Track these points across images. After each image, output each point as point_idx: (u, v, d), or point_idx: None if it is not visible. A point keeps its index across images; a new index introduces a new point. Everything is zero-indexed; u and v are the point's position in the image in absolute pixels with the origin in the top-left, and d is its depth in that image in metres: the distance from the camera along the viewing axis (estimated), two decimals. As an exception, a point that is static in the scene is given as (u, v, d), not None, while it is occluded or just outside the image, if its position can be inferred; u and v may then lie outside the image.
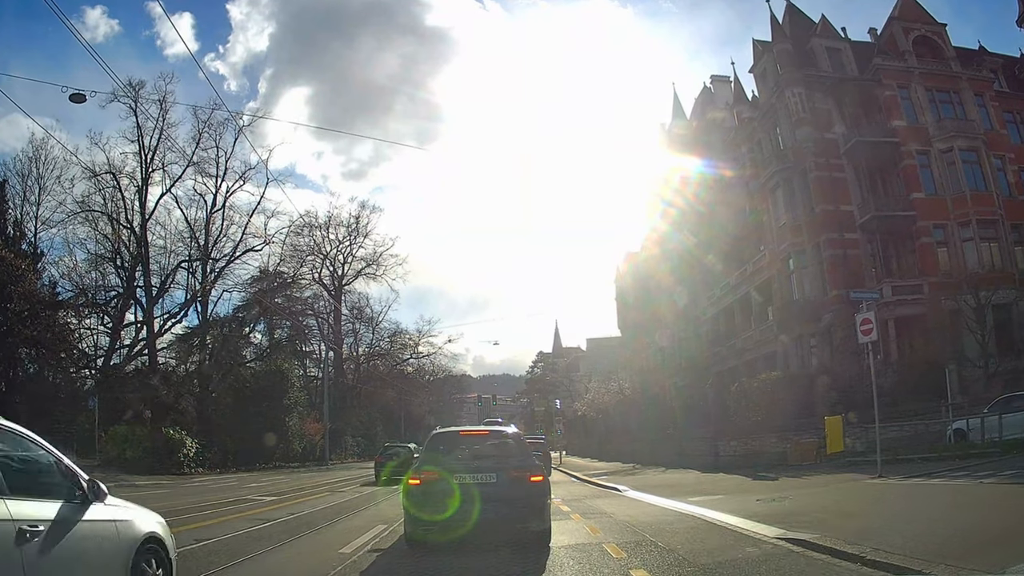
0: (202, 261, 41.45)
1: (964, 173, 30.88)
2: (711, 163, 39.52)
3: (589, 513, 11.88)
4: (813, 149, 30.90)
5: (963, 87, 33.03)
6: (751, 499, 11.67)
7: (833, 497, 11.44)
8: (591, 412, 47.15)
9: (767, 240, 34.43)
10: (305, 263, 54.58)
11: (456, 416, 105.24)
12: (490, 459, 8.70)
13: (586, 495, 16.31)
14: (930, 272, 29.29)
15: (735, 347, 36.85)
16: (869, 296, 16.36)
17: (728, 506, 10.82)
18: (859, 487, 12.70)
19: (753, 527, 8.63)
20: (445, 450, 9.02)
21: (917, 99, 32.47)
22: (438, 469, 8.23)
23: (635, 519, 10.57)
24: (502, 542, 7.92)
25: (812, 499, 11.23)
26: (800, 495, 11.93)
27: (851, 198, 30.83)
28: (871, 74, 32.74)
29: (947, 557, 5.73)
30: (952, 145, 30.99)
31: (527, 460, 8.63)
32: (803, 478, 15.54)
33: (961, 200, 30.27)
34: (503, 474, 8.20)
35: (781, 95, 32.66)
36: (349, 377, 62.23)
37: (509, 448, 9.01)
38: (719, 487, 15.30)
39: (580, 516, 11.40)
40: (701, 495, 13.36)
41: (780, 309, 32.13)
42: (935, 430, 19.81)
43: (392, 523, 10.68)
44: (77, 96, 18.38)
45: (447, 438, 9.52)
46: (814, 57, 33.85)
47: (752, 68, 36.62)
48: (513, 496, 8.00)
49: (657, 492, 14.86)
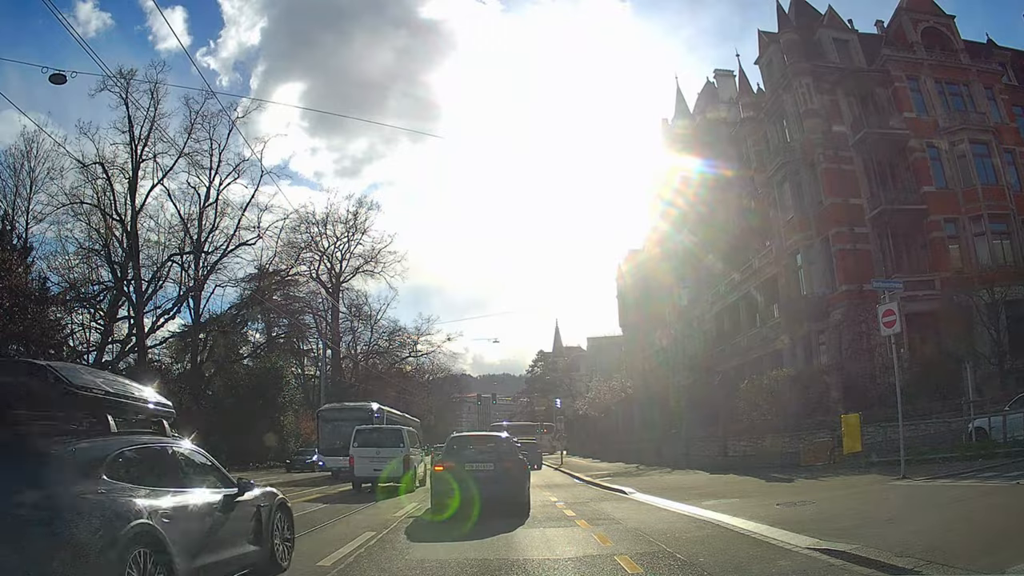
0: (195, 255, 40.48)
1: (975, 167, 30.26)
2: (714, 157, 38.84)
3: (596, 519, 11.06)
4: (821, 141, 30.15)
5: (972, 80, 32.40)
6: (771, 503, 10.87)
7: (860, 501, 10.62)
8: (593, 411, 46.35)
9: (773, 236, 33.66)
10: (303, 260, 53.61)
11: (456, 415, 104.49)
12: (489, 454, 12.58)
13: (590, 498, 15.47)
14: (942, 268, 28.52)
15: (739, 345, 36.11)
16: (892, 285, 15.57)
17: (747, 511, 10.00)
18: (884, 489, 11.89)
19: (780, 535, 7.79)
20: (458, 448, 12.93)
21: (927, 91, 31.81)
22: (454, 461, 12.18)
23: (647, 526, 9.74)
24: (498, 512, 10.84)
25: (838, 503, 10.44)
26: (823, 498, 11.14)
27: (860, 191, 30.08)
28: (880, 65, 32.05)
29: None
30: (963, 138, 30.32)
31: (514, 455, 12.68)
32: (820, 480, 14.75)
33: (972, 194, 29.59)
34: (498, 464, 12.18)
35: (788, 86, 31.91)
36: (347, 375, 61.40)
37: (502, 447, 12.99)
38: (732, 489, 14.48)
39: (586, 522, 10.58)
40: (714, 498, 12.56)
41: (787, 306, 31.38)
42: (951, 428, 19.07)
43: (381, 530, 9.86)
44: (57, 77, 17.58)
45: (460, 439, 13.91)
46: (821, 48, 33.13)
47: (757, 59, 35.86)
48: (504, 478, 11.88)
49: (666, 495, 14.02)
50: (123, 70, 36.27)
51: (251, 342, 50.36)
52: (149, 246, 40.06)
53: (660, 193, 44.49)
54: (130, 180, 37.24)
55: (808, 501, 10.74)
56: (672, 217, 42.43)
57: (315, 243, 55.82)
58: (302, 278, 53.16)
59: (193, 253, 40.37)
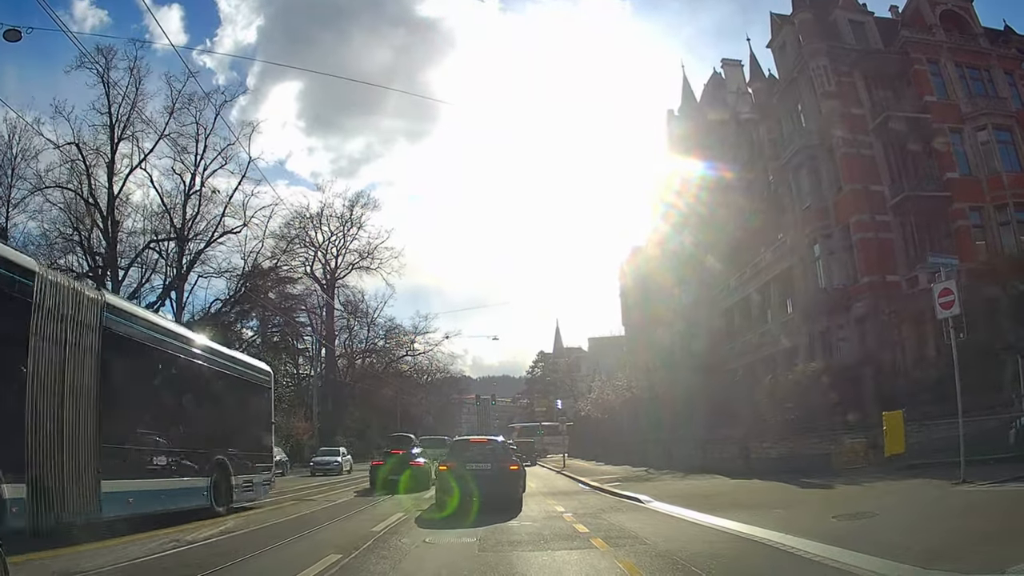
0: (178, 242, 38.50)
1: (999, 153, 28.82)
2: (723, 148, 37.22)
3: (614, 536, 9.14)
4: (840, 124, 28.52)
5: (993, 65, 31.10)
6: (824, 516, 9.12)
7: (932, 511, 8.89)
8: (596, 412, 44.53)
9: (787, 226, 32.00)
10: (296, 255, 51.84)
11: (456, 416, 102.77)
12: (487, 456, 14.10)
13: (602, 508, 13.54)
14: (967, 258, 26.80)
15: (750, 343, 34.46)
16: (948, 262, 13.88)
17: (801, 526, 8.23)
18: (948, 496, 10.18)
19: (867, 564, 6.01)
20: (460, 450, 14.78)
21: (947, 74, 30.36)
22: (456, 461, 13.58)
23: (680, 546, 7.89)
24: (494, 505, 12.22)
25: (906, 514, 8.73)
26: (884, 508, 9.35)
27: (881, 178, 28.46)
28: (899, 47, 30.53)
29: None
30: (986, 123, 28.94)
31: (509, 457, 14.65)
32: (863, 485, 12.98)
33: (997, 181, 28.14)
34: (495, 465, 13.63)
35: (804, 68, 30.28)
36: (342, 373, 59.68)
37: (498, 450, 14.79)
38: (766, 498, 12.67)
39: (604, 542, 8.58)
40: (747, 509, 10.81)
41: (804, 299, 29.71)
42: (992, 427, 17.45)
43: (350, 552, 8.02)
44: (12, 33, 16.00)
45: (462, 443, 16.11)
46: (837, 29, 31.59)
47: (770, 42, 34.24)
48: (500, 478, 13.33)
49: (690, 504, 12.17)
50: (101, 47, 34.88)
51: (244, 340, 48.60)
52: (134, 236, 38.35)
53: (665, 189, 42.83)
54: (108, 163, 35.33)
55: (868, 512, 9.00)
56: (679, 210, 40.74)
57: (309, 237, 54.17)
58: (296, 274, 51.48)
59: (176, 239, 38.42)
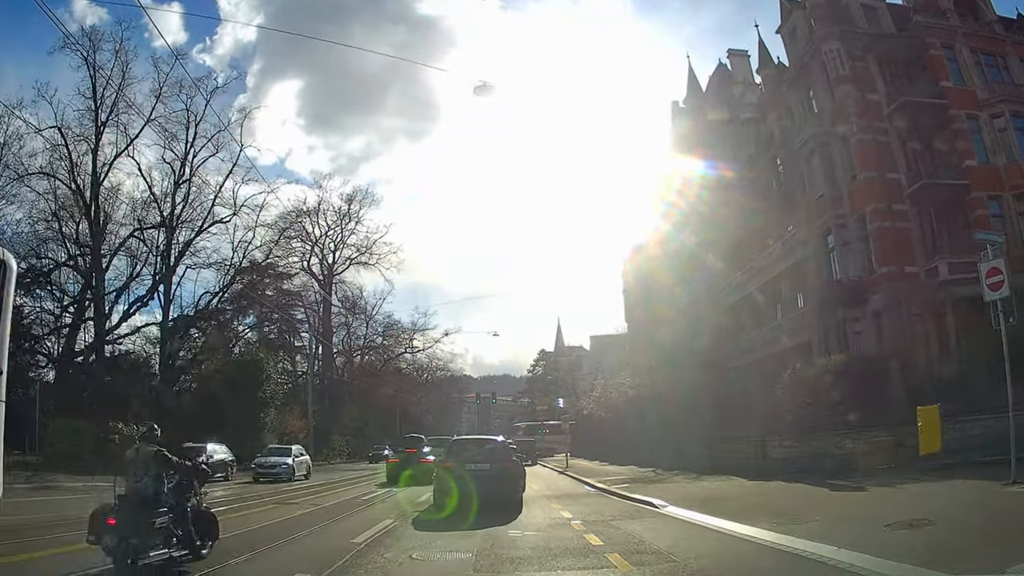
0: (166, 231, 37.36)
1: (1016, 140, 27.81)
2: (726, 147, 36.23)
3: (634, 551, 7.92)
4: (854, 109, 27.44)
5: (1008, 52, 30.06)
6: (874, 524, 7.98)
7: (996, 516, 7.78)
8: (599, 411, 43.43)
9: (798, 217, 30.90)
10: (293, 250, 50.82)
11: (456, 415, 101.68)
12: (486, 455, 14.19)
13: (614, 514, 12.25)
14: (987, 248, 25.83)
15: (759, 338, 33.36)
16: (993, 238, 12.77)
17: (849, 536, 7.14)
18: (1005, 497, 9.09)
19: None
20: (460, 450, 14.83)
21: (963, 60, 29.27)
22: (455, 461, 13.75)
23: (714, 563, 6.76)
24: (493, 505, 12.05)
25: (969, 521, 7.64)
26: (937, 515, 8.10)
27: (898, 165, 27.39)
28: (913, 31, 29.50)
29: None
30: (1003, 110, 27.87)
31: (508, 457, 14.79)
32: (899, 487, 11.85)
33: (1015, 170, 27.06)
34: (494, 464, 13.80)
35: (816, 52, 29.19)
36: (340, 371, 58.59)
37: (497, 449, 14.89)
38: (792, 502, 11.53)
39: (624, 559, 7.40)
40: (778, 514, 9.66)
41: (817, 292, 28.62)
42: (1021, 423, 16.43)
43: (323, 570, 6.95)
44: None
45: (462, 443, 16.57)
46: (849, 14, 30.55)
47: (779, 28, 33.11)
48: (499, 477, 13.43)
49: (711, 510, 10.99)
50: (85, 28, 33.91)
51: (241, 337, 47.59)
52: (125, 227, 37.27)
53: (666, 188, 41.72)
54: (92, 148, 34.17)
55: (923, 520, 7.88)
56: (684, 203, 39.58)
57: (305, 231, 53.20)
58: (292, 269, 50.48)
59: (164, 227, 37.29)
